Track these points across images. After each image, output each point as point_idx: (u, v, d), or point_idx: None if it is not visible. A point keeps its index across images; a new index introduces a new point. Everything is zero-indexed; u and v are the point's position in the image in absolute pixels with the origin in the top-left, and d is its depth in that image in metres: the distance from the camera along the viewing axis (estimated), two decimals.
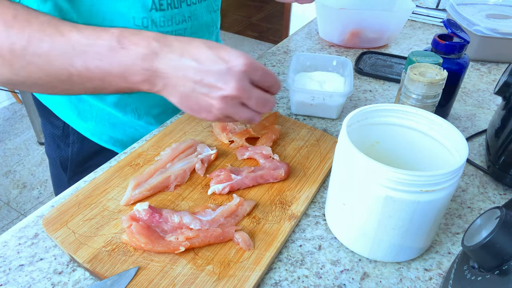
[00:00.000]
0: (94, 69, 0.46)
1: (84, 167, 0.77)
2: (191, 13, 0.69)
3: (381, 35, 1.04)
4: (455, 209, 0.58)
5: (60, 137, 0.76)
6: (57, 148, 0.77)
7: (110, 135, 0.75)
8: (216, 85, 0.45)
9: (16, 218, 1.84)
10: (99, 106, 0.71)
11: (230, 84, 0.45)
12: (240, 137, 0.66)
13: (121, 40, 0.45)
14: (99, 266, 0.47)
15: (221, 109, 0.47)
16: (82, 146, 0.75)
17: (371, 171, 0.43)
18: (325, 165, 0.63)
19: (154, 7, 0.63)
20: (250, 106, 0.48)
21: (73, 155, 0.76)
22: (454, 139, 0.48)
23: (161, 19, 0.65)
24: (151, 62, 0.45)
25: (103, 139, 0.75)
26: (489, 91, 0.88)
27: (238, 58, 0.45)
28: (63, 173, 0.79)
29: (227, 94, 0.45)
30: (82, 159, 0.77)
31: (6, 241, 0.51)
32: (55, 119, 0.75)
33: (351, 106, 0.81)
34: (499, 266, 0.35)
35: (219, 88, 0.45)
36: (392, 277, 0.49)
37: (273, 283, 0.47)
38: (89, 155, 0.76)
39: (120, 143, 0.76)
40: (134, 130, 0.76)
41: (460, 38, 0.69)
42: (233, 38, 3.56)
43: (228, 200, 0.56)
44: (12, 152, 2.21)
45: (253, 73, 0.47)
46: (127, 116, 0.73)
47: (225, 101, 0.46)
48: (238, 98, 0.46)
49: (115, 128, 0.74)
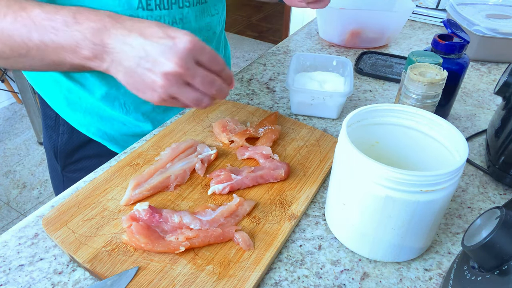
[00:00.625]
0: (49, 42, 0.48)
1: (74, 158, 0.78)
2: (183, 16, 0.68)
3: (381, 35, 1.04)
4: (455, 209, 0.58)
5: (52, 127, 0.77)
6: (50, 138, 0.78)
7: (98, 127, 0.75)
8: (159, 60, 0.45)
9: (16, 218, 1.84)
10: (88, 98, 0.71)
11: (173, 60, 0.44)
12: (240, 137, 0.66)
13: (76, 16, 0.47)
14: (99, 266, 0.47)
15: (164, 87, 0.46)
16: (71, 136, 0.76)
17: (371, 171, 0.43)
18: (325, 165, 0.63)
19: (141, 6, 0.63)
20: (195, 85, 0.47)
21: (62, 145, 0.77)
22: (454, 139, 0.48)
23: (148, 18, 0.64)
24: (101, 36, 0.46)
25: (91, 130, 0.75)
26: (489, 91, 0.88)
27: (184, 35, 0.45)
28: (57, 164, 0.80)
29: (169, 70, 0.45)
30: (71, 149, 0.77)
31: (6, 241, 0.51)
32: (48, 110, 0.76)
33: (351, 106, 0.81)
34: (499, 266, 0.35)
35: (162, 63, 0.45)
36: (392, 277, 0.49)
37: (273, 283, 0.47)
38: (77, 146, 0.77)
39: (108, 136, 0.76)
40: (122, 125, 0.76)
41: (460, 38, 0.69)
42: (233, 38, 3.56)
43: (228, 200, 0.56)
44: (12, 152, 2.21)
45: (199, 53, 0.46)
46: (115, 110, 0.73)
47: (168, 78, 0.45)
48: (181, 76, 0.45)
49: (103, 121, 0.75)
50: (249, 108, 0.76)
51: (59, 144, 0.77)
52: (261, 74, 0.91)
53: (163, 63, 0.45)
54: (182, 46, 0.45)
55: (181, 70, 0.45)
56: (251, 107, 0.76)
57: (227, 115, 0.74)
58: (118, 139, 0.77)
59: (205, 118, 0.73)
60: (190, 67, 0.45)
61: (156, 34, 0.45)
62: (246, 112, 0.75)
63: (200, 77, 0.47)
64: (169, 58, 0.44)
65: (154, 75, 0.45)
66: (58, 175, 0.81)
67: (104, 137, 0.76)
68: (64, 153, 0.78)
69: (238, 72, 0.92)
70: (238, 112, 0.75)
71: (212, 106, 0.49)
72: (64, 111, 0.74)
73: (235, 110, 0.75)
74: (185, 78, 0.46)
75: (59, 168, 0.80)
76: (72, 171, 0.79)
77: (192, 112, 0.74)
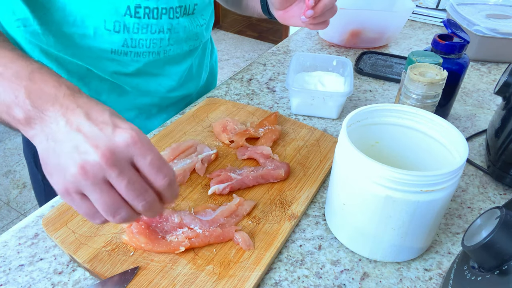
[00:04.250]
0: None
1: None
2: (172, 26, 0.68)
3: (381, 35, 1.04)
4: (455, 209, 0.58)
5: None
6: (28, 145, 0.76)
7: None
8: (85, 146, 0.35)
9: (16, 218, 1.84)
10: None
11: (101, 150, 0.35)
12: (240, 137, 0.66)
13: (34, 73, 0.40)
14: (99, 266, 0.47)
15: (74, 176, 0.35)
16: None
17: (371, 171, 0.43)
18: (325, 165, 0.63)
19: (129, 13, 0.62)
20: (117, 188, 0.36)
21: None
22: (454, 139, 0.48)
23: (135, 25, 0.64)
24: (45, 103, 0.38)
25: None
26: (489, 91, 0.88)
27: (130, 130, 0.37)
28: (37, 171, 0.78)
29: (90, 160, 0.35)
30: None
31: (6, 241, 0.51)
32: None
33: (351, 106, 0.81)
34: (499, 266, 0.35)
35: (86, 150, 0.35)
36: (392, 277, 0.49)
37: (273, 283, 0.47)
38: None
39: None
40: None
41: (460, 38, 0.69)
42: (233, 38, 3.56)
43: (228, 200, 0.56)
44: (12, 152, 2.21)
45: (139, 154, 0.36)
46: None
47: (85, 168, 0.35)
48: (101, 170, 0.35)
49: None
50: (249, 108, 0.76)
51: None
52: (261, 74, 0.91)
53: (87, 151, 0.35)
54: (120, 139, 0.36)
55: (104, 164, 0.35)
56: (251, 107, 0.76)
57: (227, 115, 0.74)
58: None
59: (205, 118, 0.73)
60: (117, 165, 0.35)
61: (102, 119, 0.37)
62: (246, 112, 0.75)
63: (128, 181, 0.36)
64: (97, 147, 0.35)
65: (72, 159, 0.35)
66: (39, 183, 0.79)
67: None
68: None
69: (238, 72, 0.92)
70: (238, 112, 0.75)
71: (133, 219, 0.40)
72: None
73: (235, 110, 0.75)
74: (106, 176, 0.36)
75: (40, 176, 0.78)
76: None
77: (192, 112, 0.74)
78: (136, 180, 0.37)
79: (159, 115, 0.80)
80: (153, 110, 0.79)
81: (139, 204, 0.37)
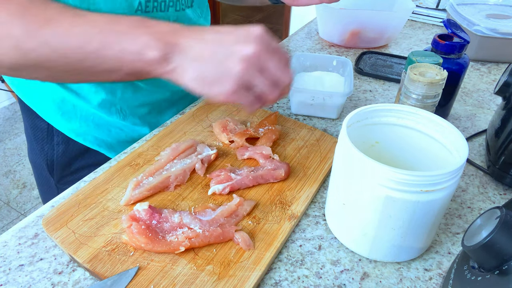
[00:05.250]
0: (112, 45, 0.46)
1: (71, 169, 0.76)
2: (177, 18, 0.69)
3: (381, 35, 1.04)
4: (455, 209, 0.58)
5: (44, 139, 0.75)
6: (41, 151, 0.76)
7: (95, 136, 0.74)
8: (237, 46, 0.45)
9: (16, 218, 1.84)
10: (83, 106, 0.70)
11: (251, 43, 0.45)
12: (240, 137, 0.66)
13: (144, 21, 0.47)
14: (99, 266, 0.47)
15: (241, 72, 0.45)
16: (67, 147, 0.75)
17: (371, 171, 0.43)
18: (325, 165, 0.63)
19: (140, 8, 0.63)
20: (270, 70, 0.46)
21: (58, 157, 0.75)
22: (454, 139, 0.48)
23: None
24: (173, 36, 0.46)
25: (88, 139, 0.74)
26: (489, 91, 0.88)
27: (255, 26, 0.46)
28: (50, 177, 0.78)
29: (248, 53, 0.44)
30: (68, 160, 0.76)
31: (6, 241, 0.51)
32: (39, 121, 0.74)
33: (351, 106, 0.81)
34: (499, 266, 0.35)
35: (240, 48, 0.44)
36: (392, 277, 0.49)
37: (273, 283, 0.47)
38: (74, 156, 0.75)
39: (106, 144, 0.75)
40: (120, 131, 0.75)
41: (460, 38, 0.69)
42: None
43: (228, 200, 0.56)
44: (12, 152, 2.21)
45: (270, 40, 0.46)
46: (112, 117, 0.73)
47: (247, 61, 0.44)
48: (259, 58, 0.45)
49: (100, 129, 0.74)
50: None
51: (55, 156, 0.75)
52: None
53: (241, 48, 0.44)
54: (258, 32, 0.45)
55: (260, 52, 0.45)
56: None
57: (227, 115, 0.74)
58: (116, 146, 0.76)
59: (205, 118, 0.73)
60: (267, 50, 0.45)
61: (229, 30, 0.46)
62: (246, 112, 0.75)
63: (275, 61, 0.46)
64: (247, 43, 0.45)
65: (232, 61, 0.44)
66: (52, 188, 0.79)
67: (101, 145, 0.75)
68: (60, 165, 0.76)
69: None
70: (238, 112, 0.75)
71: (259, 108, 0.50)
72: (57, 122, 0.72)
73: (235, 110, 0.75)
74: (262, 62, 0.45)
75: (53, 180, 0.78)
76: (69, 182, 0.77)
77: (192, 112, 0.74)
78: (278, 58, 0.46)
79: (170, 109, 0.81)
80: (163, 104, 0.80)
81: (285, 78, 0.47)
